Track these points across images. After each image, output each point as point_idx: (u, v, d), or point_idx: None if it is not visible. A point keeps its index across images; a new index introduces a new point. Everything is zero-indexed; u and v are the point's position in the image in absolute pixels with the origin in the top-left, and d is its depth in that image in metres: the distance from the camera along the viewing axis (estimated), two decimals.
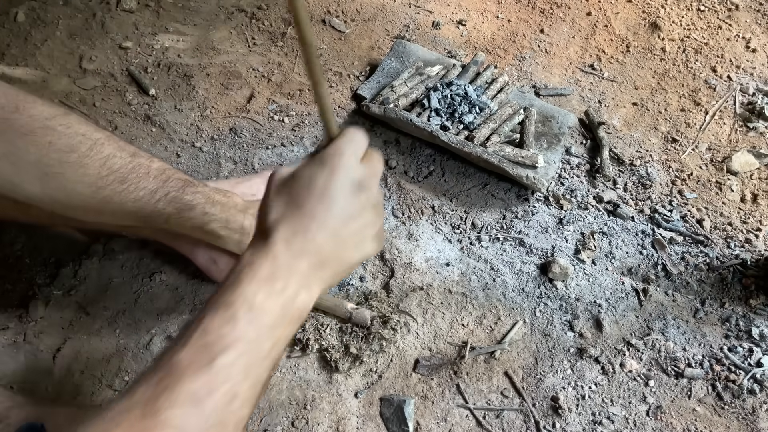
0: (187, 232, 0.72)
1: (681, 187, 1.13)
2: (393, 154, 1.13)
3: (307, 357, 0.89)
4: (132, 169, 0.67)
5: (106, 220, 0.73)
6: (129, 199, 0.67)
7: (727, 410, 0.86)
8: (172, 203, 0.69)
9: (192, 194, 0.70)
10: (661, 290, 0.99)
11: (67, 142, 0.63)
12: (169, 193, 0.69)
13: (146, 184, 0.67)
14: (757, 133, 1.22)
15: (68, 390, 0.85)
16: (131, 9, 1.34)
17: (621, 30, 1.39)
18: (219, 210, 0.72)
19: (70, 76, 1.21)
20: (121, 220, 0.71)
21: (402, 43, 1.25)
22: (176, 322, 0.91)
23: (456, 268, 0.99)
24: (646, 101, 1.27)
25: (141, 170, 0.67)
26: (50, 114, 0.63)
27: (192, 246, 0.83)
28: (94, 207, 0.67)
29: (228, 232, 0.73)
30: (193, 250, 0.82)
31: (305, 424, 0.83)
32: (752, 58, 1.34)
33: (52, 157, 0.62)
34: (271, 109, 1.19)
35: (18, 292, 0.93)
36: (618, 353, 0.91)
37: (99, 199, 0.66)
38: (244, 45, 1.30)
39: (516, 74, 1.30)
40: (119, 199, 0.66)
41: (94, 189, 0.65)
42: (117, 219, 0.71)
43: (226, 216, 0.72)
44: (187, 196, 0.70)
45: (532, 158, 1.05)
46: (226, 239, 0.73)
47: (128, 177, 0.66)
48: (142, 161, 0.68)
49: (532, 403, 0.86)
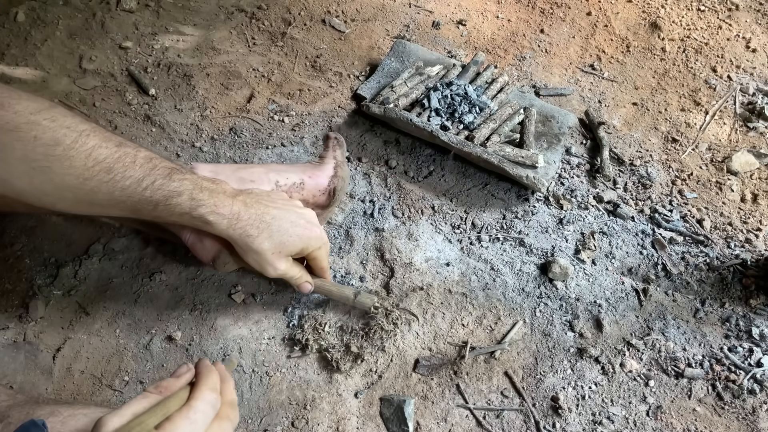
0: (175, 219, 0.72)
1: (681, 187, 1.13)
2: (393, 154, 1.13)
3: (307, 357, 0.89)
4: (118, 159, 0.67)
5: (95, 210, 0.73)
6: (116, 188, 0.67)
7: (727, 410, 0.86)
8: (160, 190, 0.69)
9: (179, 180, 0.71)
10: (661, 290, 0.99)
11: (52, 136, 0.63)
12: (155, 181, 0.69)
13: (133, 173, 0.67)
14: (757, 133, 1.22)
15: (68, 390, 0.85)
16: (131, 9, 1.34)
17: (621, 30, 1.39)
18: (207, 196, 0.72)
19: (70, 76, 1.21)
20: (109, 210, 0.72)
21: (402, 43, 1.25)
22: (176, 322, 0.91)
23: (456, 268, 0.99)
24: (646, 101, 1.27)
25: (127, 159, 0.67)
26: (35, 108, 0.63)
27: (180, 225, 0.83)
28: (82, 198, 0.67)
29: (216, 217, 0.73)
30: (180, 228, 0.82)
31: (305, 424, 0.83)
32: (752, 58, 1.34)
33: (38, 152, 0.62)
34: (271, 109, 1.19)
35: (18, 292, 0.93)
36: (618, 353, 0.91)
37: (87, 190, 0.66)
38: (244, 45, 1.30)
39: (516, 74, 1.30)
40: (107, 189, 0.66)
41: (81, 180, 0.65)
42: (105, 209, 0.71)
43: (214, 201, 0.73)
44: (174, 182, 0.70)
45: (532, 158, 1.05)
46: (214, 225, 0.74)
47: (114, 167, 0.66)
48: (128, 150, 0.68)
49: (532, 403, 0.86)
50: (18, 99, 0.63)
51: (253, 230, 0.75)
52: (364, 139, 1.15)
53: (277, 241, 0.77)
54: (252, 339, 0.90)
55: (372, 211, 1.04)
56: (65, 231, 0.99)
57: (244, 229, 0.75)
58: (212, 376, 0.56)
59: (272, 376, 0.87)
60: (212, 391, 0.54)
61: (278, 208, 0.79)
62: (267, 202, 0.79)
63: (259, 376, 0.87)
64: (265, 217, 0.76)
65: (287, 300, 0.94)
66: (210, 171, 0.85)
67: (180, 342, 0.89)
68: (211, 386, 0.55)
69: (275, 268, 0.80)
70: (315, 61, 1.28)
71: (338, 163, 0.93)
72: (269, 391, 0.86)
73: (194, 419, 0.51)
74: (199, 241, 0.81)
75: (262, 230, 0.76)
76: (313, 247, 0.82)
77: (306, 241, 0.81)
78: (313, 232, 0.81)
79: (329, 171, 0.92)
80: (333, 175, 0.92)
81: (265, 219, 0.76)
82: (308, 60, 1.28)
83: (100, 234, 0.99)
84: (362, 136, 1.16)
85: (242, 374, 0.87)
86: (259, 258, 0.78)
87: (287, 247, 0.79)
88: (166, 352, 0.88)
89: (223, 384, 0.57)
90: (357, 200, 1.06)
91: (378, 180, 1.09)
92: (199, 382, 0.55)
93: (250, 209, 0.76)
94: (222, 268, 0.83)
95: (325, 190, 0.91)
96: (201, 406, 0.52)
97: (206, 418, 0.52)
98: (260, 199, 0.78)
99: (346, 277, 0.97)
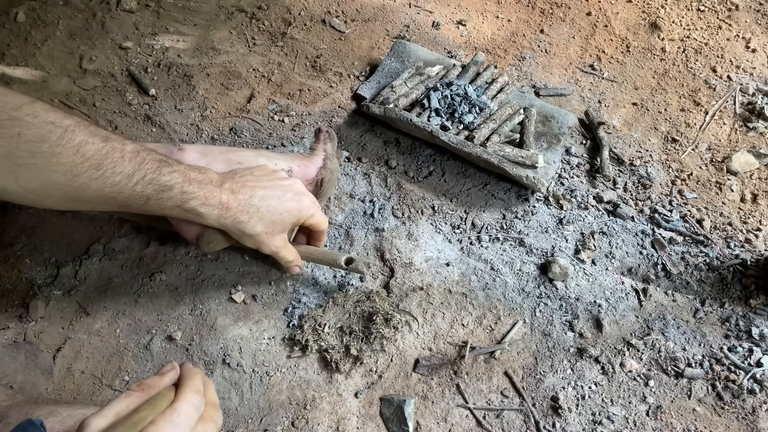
0: (167, 212, 0.72)
1: (681, 187, 1.13)
2: (393, 154, 1.13)
3: (307, 357, 0.89)
4: (106, 155, 0.66)
5: (83, 206, 0.73)
6: (106, 184, 0.66)
7: (727, 410, 0.86)
8: (150, 185, 0.69)
9: (169, 174, 0.70)
10: (661, 290, 0.99)
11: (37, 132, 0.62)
12: (146, 176, 0.68)
13: (122, 168, 0.67)
14: (757, 133, 1.22)
15: (68, 390, 0.85)
16: (131, 9, 1.34)
17: (621, 30, 1.40)
18: (196, 188, 0.72)
19: (70, 76, 1.21)
20: (100, 206, 0.71)
21: (402, 43, 1.25)
22: (176, 322, 0.91)
23: (456, 268, 0.99)
24: (646, 101, 1.27)
25: (116, 155, 0.66)
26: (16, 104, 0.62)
27: None
28: (70, 195, 0.66)
29: (207, 209, 0.73)
30: None
31: (305, 424, 0.83)
32: (752, 58, 1.34)
33: (22, 149, 0.61)
34: (271, 109, 1.19)
35: (18, 292, 0.93)
36: (618, 353, 0.91)
37: (75, 187, 0.65)
38: (244, 45, 1.30)
39: (516, 74, 1.30)
40: (96, 185, 0.65)
41: (69, 177, 0.64)
42: (95, 205, 0.71)
43: (203, 193, 0.73)
44: (164, 176, 0.70)
45: (532, 158, 1.05)
46: (205, 216, 0.74)
47: (103, 163, 0.65)
48: (116, 145, 0.67)
49: (532, 403, 0.86)
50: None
51: (244, 216, 0.76)
52: (364, 139, 1.15)
53: (269, 221, 0.79)
54: (252, 339, 0.90)
55: (372, 211, 1.04)
56: (65, 231, 0.99)
57: (235, 217, 0.76)
58: (196, 378, 0.56)
59: (272, 376, 0.87)
60: (196, 393, 0.54)
61: (264, 187, 0.79)
62: (252, 182, 0.79)
63: (259, 376, 0.87)
64: (252, 200, 0.77)
65: (287, 300, 0.94)
66: (199, 152, 0.85)
67: (180, 342, 0.89)
68: (195, 388, 0.54)
69: (269, 246, 0.82)
70: (315, 61, 1.28)
71: (328, 155, 0.93)
72: (269, 391, 0.86)
73: (178, 422, 0.51)
74: (183, 220, 0.81)
75: (252, 214, 0.77)
76: (305, 216, 0.83)
77: (297, 214, 0.82)
78: (302, 203, 0.82)
79: (318, 162, 0.92)
80: (322, 167, 0.92)
81: (253, 202, 0.77)
82: (308, 60, 1.28)
83: (101, 234, 0.99)
84: (362, 136, 1.16)
85: (242, 374, 0.87)
86: (254, 240, 0.80)
87: (279, 224, 0.81)
88: (166, 352, 0.88)
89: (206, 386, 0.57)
90: (357, 200, 1.06)
91: (378, 180, 1.09)
92: (182, 384, 0.55)
93: (237, 196, 0.76)
94: (206, 248, 0.83)
95: (313, 180, 0.91)
96: (185, 408, 0.52)
97: (190, 420, 0.52)
98: (245, 182, 0.79)
99: (346, 276, 0.97)
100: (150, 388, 0.53)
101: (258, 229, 0.78)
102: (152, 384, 0.53)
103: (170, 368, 0.56)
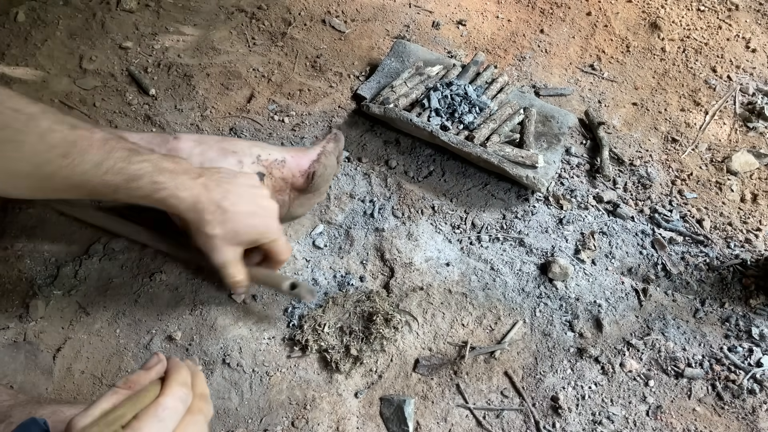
0: (136, 201, 0.71)
1: (681, 187, 1.13)
2: (393, 154, 1.13)
3: (307, 357, 0.89)
4: (73, 143, 0.64)
5: (51, 195, 0.71)
6: (75, 173, 0.64)
7: (727, 410, 0.86)
8: (119, 174, 0.67)
9: (138, 163, 0.69)
10: (661, 290, 0.99)
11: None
12: (115, 165, 0.67)
13: (91, 157, 0.65)
14: (757, 133, 1.22)
15: (68, 390, 0.85)
16: (131, 9, 1.34)
17: (621, 30, 1.40)
18: (168, 178, 0.71)
19: (70, 76, 1.21)
20: (68, 195, 0.69)
21: (402, 43, 1.25)
22: (176, 322, 0.91)
23: (456, 268, 0.99)
24: (646, 101, 1.27)
25: (84, 143, 0.65)
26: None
27: None
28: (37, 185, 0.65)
29: (177, 201, 0.71)
30: None
31: (305, 424, 0.83)
32: (752, 58, 1.34)
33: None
34: (271, 109, 1.19)
35: (18, 292, 0.93)
36: (618, 353, 0.91)
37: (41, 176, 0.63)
38: (244, 45, 1.30)
39: (516, 74, 1.30)
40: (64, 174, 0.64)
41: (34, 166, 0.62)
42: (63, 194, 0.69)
43: (175, 184, 0.71)
44: (133, 165, 0.68)
45: (532, 158, 1.05)
46: (175, 207, 0.72)
47: (71, 151, 0.63)
48: (84, 133, 0.66)
49: (532, 403, 0.86)
50: None
51: (209, 215, 0.74)
52: (364, 139, 1.15)
53: (230, 228, 0.76)
54: (252, 339, 0.90)
55: (372, 211, 1.05)
56: (65, 231, 0.99)
57: (201, 213, 0.74)
58: (181, 371, 0.54)
59: (272, 376, 0.87)
60: (182, 386, 0.52)
61: (240, 195, 0.77)
62: (230, 186, 0.77)
63: (259, 376, 0.87)
64: (224, 203, 0.75)
65: (287, 300, 0.94)
66: (194, 140, 0.84)
67: (180, 342, 0.89)
68: (180, 381, 0.53)
69: (220, 255, 0.78)
70: (315, 61, 1.28)
71: (324, 151, 0.92)
72: (269, 391, 0.86)
73: (163, 417, 0.49)
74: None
75: (217, 216, 0.75)
76: (266, 239, 0.81)
77: (260, 234, 0.80)
78: (268, 225, 0.81)
79: (312, 155, 0.92)
80: (315, 160, 0.91)
81: (223, 205, 0.75)
82: (308, 60, 1.28)
83: (101, 234, 0.99)
84: (362, 136, 1.16)
85: (242, 374, 0.87)
86: (207, 242, 0.77)
87: (239, 236, 0.78)
88: (166, 352, 0.88)
89: (195, 378, 0.56)
90: (357, 200, 1.06)
91: (378, 180, 1.09)
92: (167, 378, 0.53)
93: (210, 193, 0.74)
94: None
95: (305, 173, 0.91)
96: (170, 403, 0.50)
97: (176, 414, 0.50)
98: (222, 182, 0.76)
99: (346, 276, 0.97)
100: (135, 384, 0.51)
101: (216, 231, 0.76)
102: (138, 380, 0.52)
103: (156, 361, 0.54)
